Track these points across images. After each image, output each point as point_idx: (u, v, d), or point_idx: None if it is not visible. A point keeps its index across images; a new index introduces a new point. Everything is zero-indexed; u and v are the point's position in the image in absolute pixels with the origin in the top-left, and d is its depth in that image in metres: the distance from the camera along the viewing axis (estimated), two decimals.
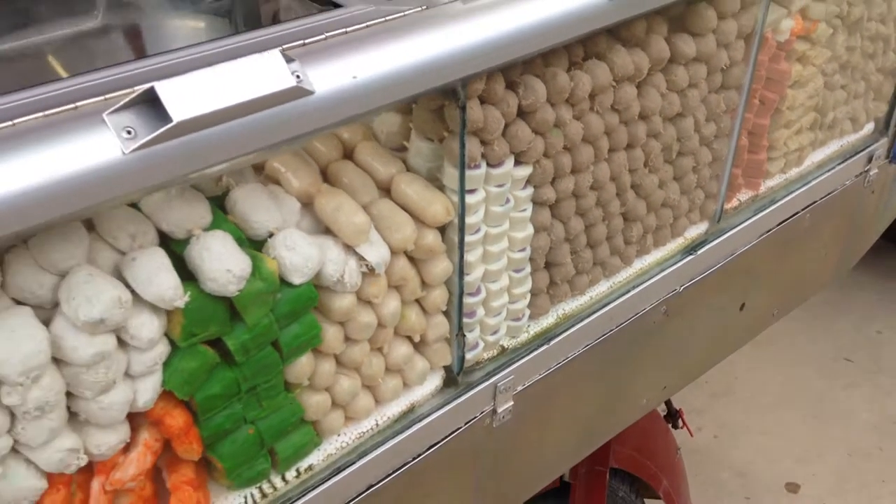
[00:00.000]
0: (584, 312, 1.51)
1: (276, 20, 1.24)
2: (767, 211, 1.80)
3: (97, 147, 0.80)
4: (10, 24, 1.06)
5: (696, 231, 1.68)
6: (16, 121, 0.78)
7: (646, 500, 2.36)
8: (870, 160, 2.02)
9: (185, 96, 0.80)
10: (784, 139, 1.74)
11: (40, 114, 0.80)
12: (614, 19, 1.22)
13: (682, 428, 2.54)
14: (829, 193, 1.95)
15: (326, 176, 1.19)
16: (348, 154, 1.23)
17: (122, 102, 0.80)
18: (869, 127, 2.02)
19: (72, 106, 0.81)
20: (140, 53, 1.18)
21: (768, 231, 1.82)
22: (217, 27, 1.26)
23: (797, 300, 2.14)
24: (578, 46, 1.27)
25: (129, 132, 0.80)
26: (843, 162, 1.95)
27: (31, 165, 0.77)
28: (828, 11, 1.64)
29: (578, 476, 2.06)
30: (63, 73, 1.05)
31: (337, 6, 1.07)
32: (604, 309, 1.53)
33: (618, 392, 1.69)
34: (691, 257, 1.66)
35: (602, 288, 1.54)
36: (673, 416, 2.52)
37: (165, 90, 0.79)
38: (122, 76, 0.86)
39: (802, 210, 1.89)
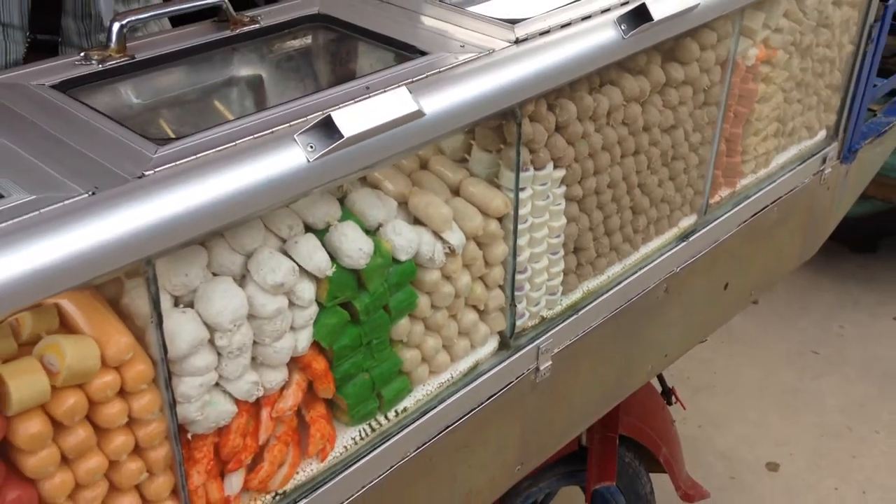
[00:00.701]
0: (603, 289, 1.85)
1: (353, 69, 1.60)
2: (743, 205, 2.16)
3: (289, 158, 1.14)
4: (176, 79, 1.41)
5: (687, 222, 2.03)
6: (237, 142, 1.13)
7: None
8: (824, 161, 2.40)
9: (349, 120, 1.15)
10: (754, 145, 2.11)
11: (250, 137, 1.14)
12: (623, 54, 1.60)
13: (675, 404, 2.89)
14: (791, 190, 2.33)
15: (410, 182, 1.53)
16: (423, 165, 1.58)
17: (308, 126, 1.14)
18: (822, 133, 2.40)
19: (270, 131, 1.16)
20: (263, 95, 1.53)
21: (744, 221, 2.19)
22: (306, 72, 1.62)
23: (770, 282, 2.51)
24: (596, 76, 1.63)
25: (311, 147, 1.15)
26: (802, 163, 2.33)
27: (248, 172, 1.11)
28: (784, 40, 2.03)
29: (594, 440, 2.40)
30: (223, 109, 1.40)
31: (423, 53, 1.43)
32: (618, 286, 1.88)
33: (628, 358, 2.04)
34: (684, 244, 2.02)
35: (616, 269, 1.88)
36: (667, 393, 2.88)
37: (338, 116, 1.14)
38: (293, 110, 1.22)
39: (771, 204, 2.27)
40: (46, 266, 0.95)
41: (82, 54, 1.34)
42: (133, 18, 1.34)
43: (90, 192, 1.01)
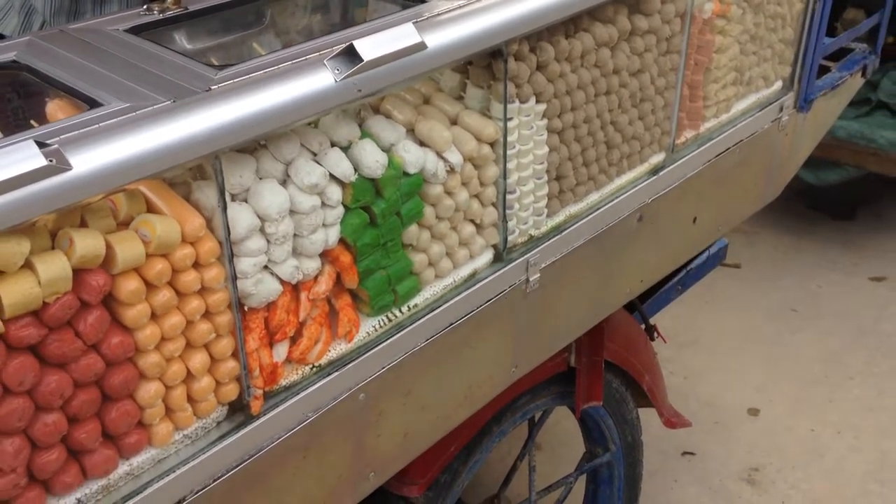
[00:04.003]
0: (583, 214, 2.13)
1: (366, 14, 1.89)
2: (707, 145, 2.44)
3: (321, 79, 1.43)
4: (214, 31, 1.71)
5: (657, 158, 2.31)
6: (279, 66, 1.42)
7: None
8: (781, 109, 2.70)
9: (368, 48, 1.44)
10: (714, 91, 2.40)
11: (289, 62, 1.44)
12: (593, 3, 1.89)
13: (657, 339, 3.18)
14: (752, 134, 2.61)
15: (416, 112, 1.82)
16: (426, 101, 1.87)
17: (335, 53, 1.44)
18: (778, 84, 2.69)
19: (304, 58, 1.45)
20: (292, 35, 1.82)
21: (709, 161, 2.47)
22: (326, 18, 1.91)
23: (735, 219, 2.80)
24: (570, 23, 1.92)
25: (337, 70, 1.44)
26: (760, 110, 2.62)
27: (290, 88, 1.40)
28: None
29: (581, 362, 2.67)
30: (261, 47, 1.69)
31: (423, 1, 1.72)
32: (596, 212, 2.16)
33: (609, 279, 2.32)
34: (654, 178, 2.30)
35: (594, 196, 2.17)
36: (650, 329, 3.17)
37: (358, 45, 1.43)
38: (322, 43, 1.51)
39: (733, 146, 2.55)
40: (143, 154, 1.24)
41: (145, 6, 1.64)
42: None
43: (172, 100, 1.31)
